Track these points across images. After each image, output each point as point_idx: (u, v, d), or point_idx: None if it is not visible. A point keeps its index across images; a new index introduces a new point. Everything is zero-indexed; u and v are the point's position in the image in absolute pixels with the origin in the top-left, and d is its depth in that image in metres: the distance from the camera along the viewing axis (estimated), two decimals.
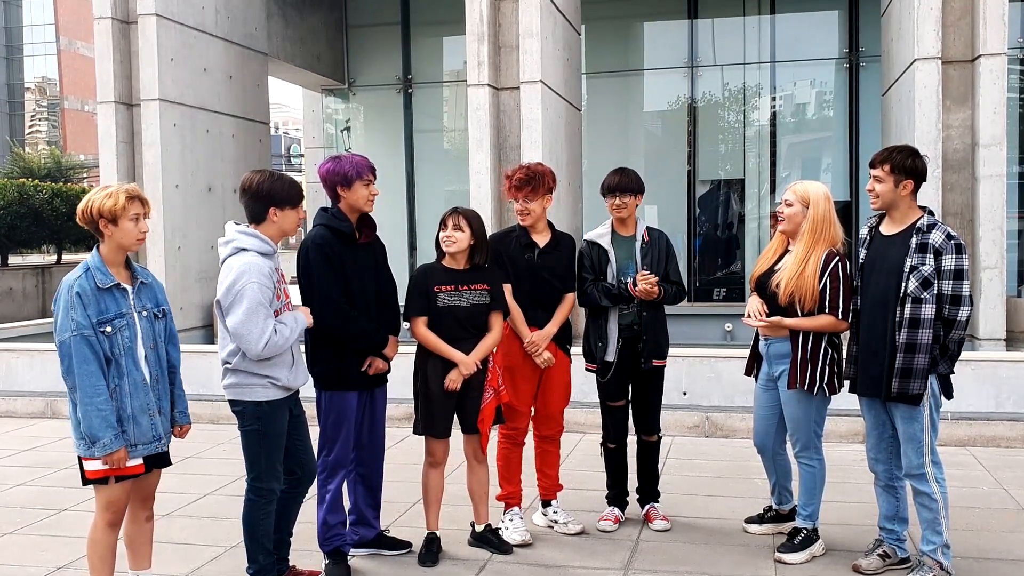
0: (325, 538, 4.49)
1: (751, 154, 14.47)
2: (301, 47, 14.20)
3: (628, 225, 5.06)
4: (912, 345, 4.05)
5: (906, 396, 4.09)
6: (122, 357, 3.60)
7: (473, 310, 4.57)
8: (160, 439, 3.73)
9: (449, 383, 4.50)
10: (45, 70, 74.81)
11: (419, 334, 4.56)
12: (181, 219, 10.67)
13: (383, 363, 4.49)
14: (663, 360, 5.03)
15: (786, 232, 4.62)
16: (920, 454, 4.15)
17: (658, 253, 4.99)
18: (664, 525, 5.05)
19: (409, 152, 15.28)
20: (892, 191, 4.15)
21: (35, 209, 17.24)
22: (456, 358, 4.51)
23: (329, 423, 4.45)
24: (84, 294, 3.55)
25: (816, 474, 4.64)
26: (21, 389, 8.89)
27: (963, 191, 9.02)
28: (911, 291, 4.05)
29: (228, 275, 3.87)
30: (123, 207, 3.59)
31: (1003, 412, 6.99)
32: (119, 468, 3.60)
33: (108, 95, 10.48)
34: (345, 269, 4.35)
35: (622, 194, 4.97)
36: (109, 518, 3.73)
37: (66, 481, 6.13)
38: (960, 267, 4.04)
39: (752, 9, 14.20)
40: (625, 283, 4.91)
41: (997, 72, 8.65)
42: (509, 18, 9.98)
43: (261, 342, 3.80)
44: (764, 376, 4.77)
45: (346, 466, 4.52)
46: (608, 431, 5.17)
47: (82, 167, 38.89)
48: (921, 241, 4.08)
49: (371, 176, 4.40)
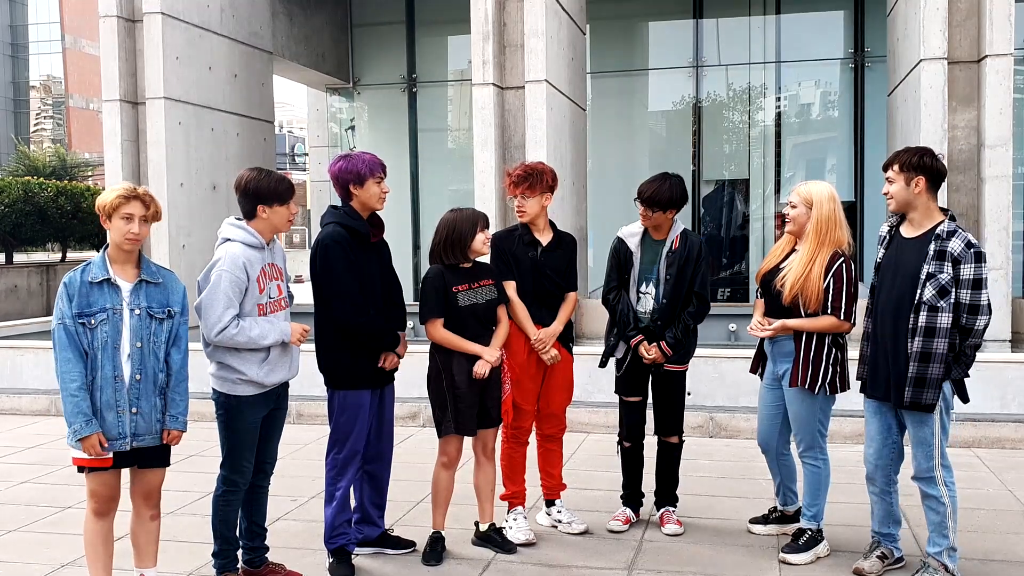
0: (331, 536, 4.50)
1: (756, 154, 14.45)
2: (306, 46, 14.21)
3: (661, 229, 4.93)
4: (927, 354, 4.00)
5: (919, 405, 4.05)
6: (99, 351, 3.63)
7: (489, 306, 4.64)
8: (124, 437, 3.69)
9: (479, 368, 4.53)
10: (50, 68, 74.91)
11: (438, 335, 4.56)
12: (186, 217, 10.68)
13: (396, 359, 4.52)
14: (681, 365, 4.96)
15: (792, 233, 4.62)
16: (930, 458, 4.13)
17: (682, 263, 4.84)
18: (675, 529, 4.98)
19: (413, 151, 15.28)
20: (904, 190, 4.11)
21: (40, 207, 17.27)
22: (479, 351, 4.56)
23: (342, 422, 4.45)
24: (71, 286, 3.63)
25: (821, 474, 4.63)
26: (26, 386, 8.90)
27: (969, 192, 9.00)
28: (927, 299, 3.99)
29: (210, 263, 4.05)
30: (114, 205, 3.64)
31: (1008, 413, 6.97)
32: (98, 453, 3.62)
33: (113, 93, 10.50)
34: (360, 267, 4.37)
35: (649, 208, 4.84)
36: (94, 507, 3.79)
37: (70, 478, 6.13)
38: (979, 276, 3.97)
39: (757, 9, 14.18)
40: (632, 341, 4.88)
41: (1003, 73, 8.63)
42: (514, 17, 9.97)
43: (214, 330, 3.97)
44: (769, 375, 4.76)
45: (356, 465, 4.52)
46: (623, 428, 5.13)
47: (87, 165, 38.95)
48: (939, 248, 4.01)
49: (383, 174, 4.42)
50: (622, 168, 14.25)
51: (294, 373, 4.26)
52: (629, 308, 4.91)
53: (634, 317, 4.91)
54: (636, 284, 4.93)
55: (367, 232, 4.40)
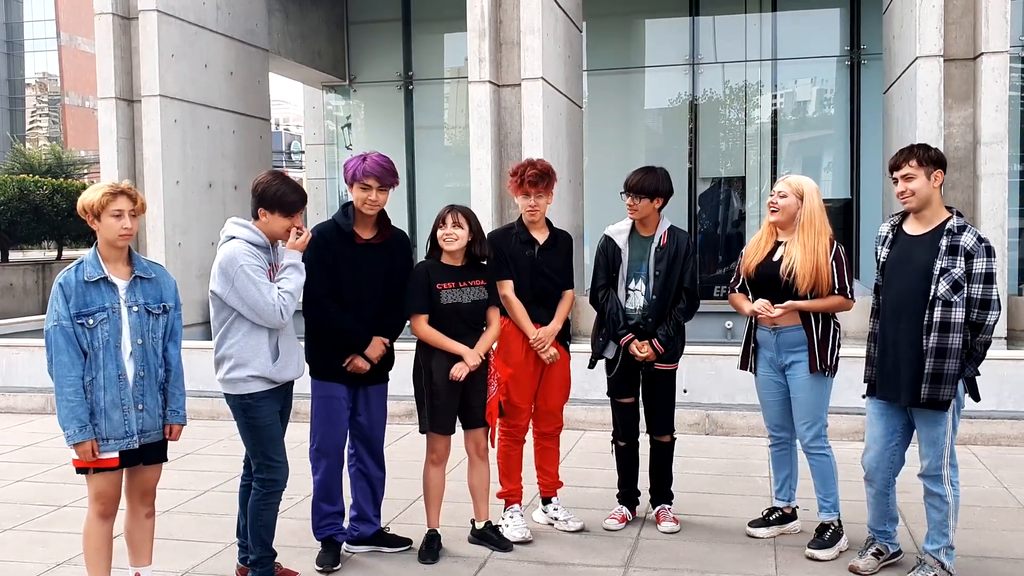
0: (316, 527, 4.56)
1: (752, 152, 14.46)
2: (302, 43, 14.19)
3: (648, 224, 4.92)
4: (943, 350, 3.97)
5: (936, 402, 4.02)
6: (100, 351, 3.60)
7: (475, 307, 4.59)
8: (132, 435, 3.68)
9: (455, 371, 4.49)
10: (46, 66, 74.74)
11: (421, 331, 4.56)
12: (181, 215, 10.66)
13: (363, 362, 4.44)
14: (671, 364, 4.94)
15: (778, 223, 4.63)
16: (940, 456, 4.11)
17: (671, 259, 4.83)
18: (671, 527, 4.98)
19: (410, 149, 15.28)
20: (926, 184, 4.10)
21: (35, 205, 17.25)
22: (461, 351, 4.52)
23: (313, 411, 4.51)
24: (67, 286, 3.60)
25: (831, 462, 4.67)
26: (21, 385, 8.88)
27: (965, 189, 9.01)
28: (941, 294, 3.97)
29: (216, 264, 4.02)
30: (102, 203, 3.61)
31: (1004, 410, 6.98)
32: (92, 460, 3.61)
33: (109, 91, 10.47)
34: (338, 266, 4.39)
35: (635, 195, 4.84)
36: (99, 509, 3.75)
37: (65, 477, 6.12)
38: (991, 270, 3.98)
39: (753, 6, 14.19)
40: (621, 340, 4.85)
41: (999, 70, 8.64)
42: (510, 15, 9.97)
43: (277, 314, 3.95)
44: (767, 365, 4.73)
45: (331, 457, 4.53)
46: (617, 428, 5.13)
47: (83, 163, 38.78)
48: (952, 243, 4.00)
49: (369, 181, 4.37)
50: (618, 166, 14.21)
51: (300, 372, 4.26)
52: (618, 307, 4.88)
53: (623, 316, 4.87)
54: (625, 281, 4.89)
55: (349, 231, 4.42)
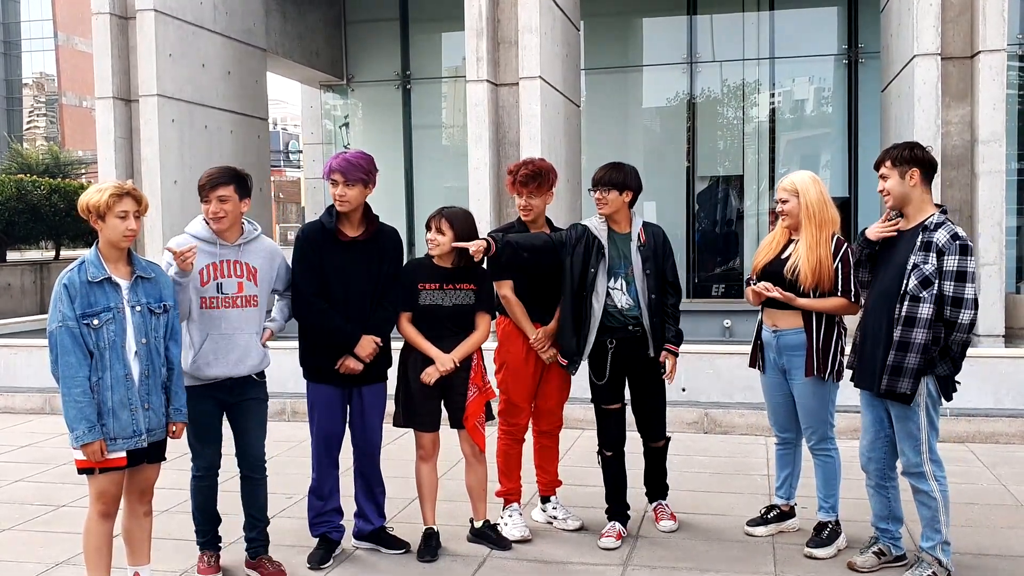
0: (311, 523, 4.62)
1: (750, 150, 14.46)
2: (300, 43, 14.18)
3: (620, 222, 4.77)
4: (905, 343, 4.02)
5: (893, 394, 4.08)
6: (106, 351, 3.60)
7: (456, 310, 4.57)
8: (141, 434, 3.69)
9: (424, 376, 4.51)
10: (43, 66, 74.58)
11: (402, 329, 4.59)
12: (179, 215, 10.62)
13: (354, 363, 4.42)
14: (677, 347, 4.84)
15: (789, 227, 4.65)
16: (918, 452, 4.14)
17: (654, 256, 4.74)
18: (670, 525, 4.97)
19: (408, 148, 15.26)
20: (900, 183, 4.13)
21: (33, 205, 17.23)
22: (433, 355, 4.52)
23: (308, 412, 4.57)
24: (72, 287, 3.59)
25: (835, 464, 4.67)
26: (19, 385, 8.87)
27: (962, 187, 9.02)
28: (910, 289, 4.02)
29: None
30: (108, 204, 3.62)
31: (1002, 408, 6.99)
32: (99, 460, 3.61)
33: (106, 91, 10.46)
34: (323, 264, 4.39)
35: (603, 188, 4.69)
36: (101, 509, 3.75)
37: (65, 477, 6.12)
38: (963, 268, 3.97)
39: (751, 5, 14.18)
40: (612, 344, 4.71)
41: (997, 68, 8.64)
42: (508, 14, 9.96)
43: None
44: (771, 367, 4.73)
45: (324, 457, 4.56)
46: (602, 437, 4.92)
47: (80, 163, 38.69)
48: (926, 239, 4.04)
49: (335, 176, 4.35)
50: None
51: (243, 371, 4.23)
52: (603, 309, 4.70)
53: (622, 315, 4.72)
54: (606, 279, 4.72)
55: (332, 229, 4.42)
